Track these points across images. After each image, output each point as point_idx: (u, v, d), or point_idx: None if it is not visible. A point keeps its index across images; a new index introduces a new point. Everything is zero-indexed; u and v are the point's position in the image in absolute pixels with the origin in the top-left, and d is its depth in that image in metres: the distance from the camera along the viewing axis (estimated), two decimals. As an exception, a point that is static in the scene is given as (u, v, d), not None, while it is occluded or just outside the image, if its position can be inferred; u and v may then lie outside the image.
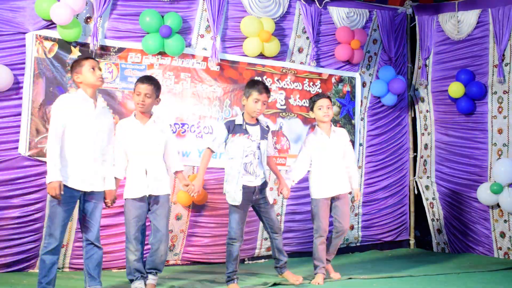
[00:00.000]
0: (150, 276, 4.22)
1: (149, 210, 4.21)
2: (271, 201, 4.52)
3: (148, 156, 4.15)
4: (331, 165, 4.78)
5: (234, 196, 4.32)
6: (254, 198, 4.42)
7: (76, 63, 3.94)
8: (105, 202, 4.04)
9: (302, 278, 4.55)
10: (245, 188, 4.35)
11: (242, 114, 4.46)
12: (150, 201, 4.18)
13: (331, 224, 4.86)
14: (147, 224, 4.27)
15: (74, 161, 3.79)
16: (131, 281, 4.15)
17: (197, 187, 4.31)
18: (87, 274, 3.92)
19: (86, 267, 3.94)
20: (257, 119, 4.47)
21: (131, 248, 4.11)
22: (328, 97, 4.85)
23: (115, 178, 4.10)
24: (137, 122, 4.19)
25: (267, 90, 4.42)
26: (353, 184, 4.91)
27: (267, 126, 4.55)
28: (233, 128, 4.36)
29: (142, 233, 4.19)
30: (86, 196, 3.87)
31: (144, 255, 4.27)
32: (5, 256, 4.73)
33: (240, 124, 4.38)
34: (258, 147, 4.41)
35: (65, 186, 3.71)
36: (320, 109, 4.76)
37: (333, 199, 4.81)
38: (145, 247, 4.29)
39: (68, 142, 3.78)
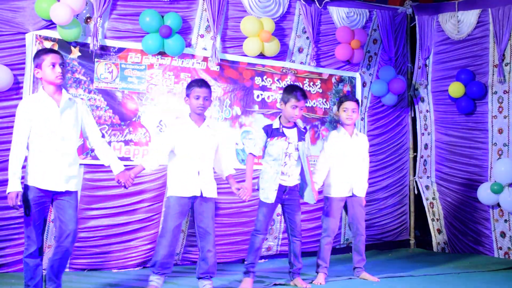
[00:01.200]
0: (204, 282, 4.22)
1: (193, 212, 4.24)
2: (311, 201, 4.56)
3: (200, 158, 4.18)
4: (348, 166, 4.84)
5: (268, 194, 4.43)
6: (284, 197, 4.51)
7: (37, 56, 3.69)
8: (119, 183, 3.91)
9: (310, 286, 4.56)
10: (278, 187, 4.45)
11: (279, 117, 4.55)
12: (195, 202, 4.19)
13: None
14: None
15: (43, 163, 3.62)
16: (153, 273, 4.14)
17: (250, 190, 4.39)
18: (49, 274, 3.72)
19: (49, 267, 3.72)
20: (294, 122, 4.55)
21: (164, 243, 4.10)
22: (356, 101, 4.91)
23: (141, 166, 4.09)
24: (193, 123, 4.21)
25: (304, 96, 4.52)
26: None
27: (304, 128, 4.66)
28: (271, 132, 4.47)
29: (179, 231, 4.23)
30: (59, 196, 3.68)
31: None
32: (5, 256, 4.73)
33: (277, 128, 4.48)
34: (296, 149, 4.49)
35: (35, 188, 3.60)
36: (345, 111, 4.83)
37: (347, 201, 4.86)
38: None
39: (35, 145, 3.63)
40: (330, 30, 6.29)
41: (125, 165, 4.03)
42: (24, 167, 3.63)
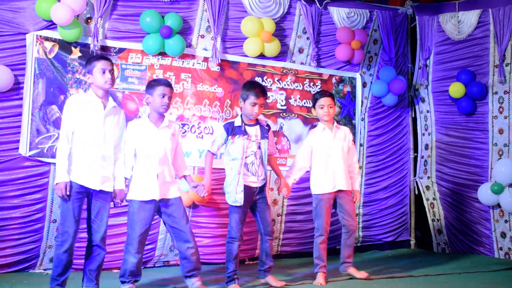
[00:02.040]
0: (192, 280, 4.19)
1: (160, 215, 4.21)
2: (270, 201, 4.49)
3: (160, 160, 4.13)
4: (332, 161, 4.74)
5: (235, 197, 4.32)
6: (254, 198, 4.42)
7: (89, 62, 3.95)
8: (114, 202, 4.02)
9: (285, 283, 4.51)
10: (247, 189, 4.35)
11: (241, 115, 4.45)
12: (160, 205, 4.16)
13: (332, 224, 4.86)
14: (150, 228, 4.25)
15: (83, 159, 3.81)
16: (123, 283, 4.11)
17: (207, 187, 4.33)
18: (85, 274, 3.92)
19: (85, 267, 3.93)
20: (256, 119, 4.47)
21: (131, 250, 4.06)
22: (331, 95, 4.81)
23: (123, 178, 4.09)
24: (151, 125, 4.16)
25: (264, 93, 4.42)
26: (354, 185, 4.88)
27: (267, 125, 4.55)
28: (232, 129, 4.36)
29: (146, 236, 4.17)
30: (94, 195, 3.89)
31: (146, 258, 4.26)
32: (6, 256, 4.73)
33: (239, 126, 4.37)
34: (259, 147, 4.41)
35: (75, 183, 3.78)
36: (321, 108, 4.75)
37: (336, 197, 4.78)
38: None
39: (78, 142, 3.81)
40: (331, 31, 6.29)
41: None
42: None
